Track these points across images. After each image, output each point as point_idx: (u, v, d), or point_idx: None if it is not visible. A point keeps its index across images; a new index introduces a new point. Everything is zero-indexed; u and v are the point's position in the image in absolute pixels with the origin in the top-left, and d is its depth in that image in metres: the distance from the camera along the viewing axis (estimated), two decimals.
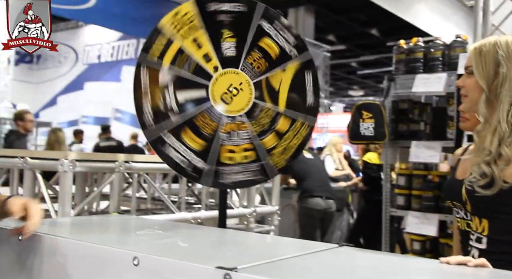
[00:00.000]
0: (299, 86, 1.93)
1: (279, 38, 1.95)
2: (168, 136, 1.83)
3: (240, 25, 1.88)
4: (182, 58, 1.85)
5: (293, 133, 1.91)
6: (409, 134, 3.55)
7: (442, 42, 3.48)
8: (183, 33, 1.86)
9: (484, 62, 1.45)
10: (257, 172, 1.91)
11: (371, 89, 23.15)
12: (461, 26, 9.75)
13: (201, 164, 1.85)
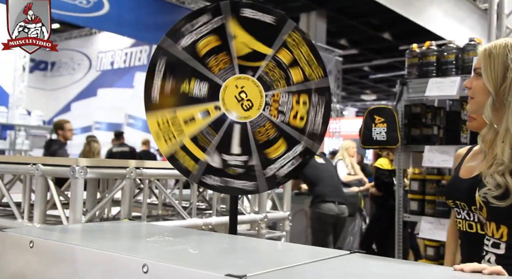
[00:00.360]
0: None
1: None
2: None
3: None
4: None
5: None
6: (422, 138, 3.52)
7: (455, 46, 3.44)
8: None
9: (493, 65, 1.42)
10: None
11: (384, 93, 23.01)
12: (475, 29, 9.65)
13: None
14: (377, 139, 3.46)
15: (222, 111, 1.89)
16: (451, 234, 1.95)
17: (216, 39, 1.87)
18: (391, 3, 8.08)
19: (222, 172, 1.87)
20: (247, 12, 1.88)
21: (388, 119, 3.43)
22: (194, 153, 1.87)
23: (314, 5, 12.12)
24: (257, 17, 1.88)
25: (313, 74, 1.90)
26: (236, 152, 1.88)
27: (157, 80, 1.86)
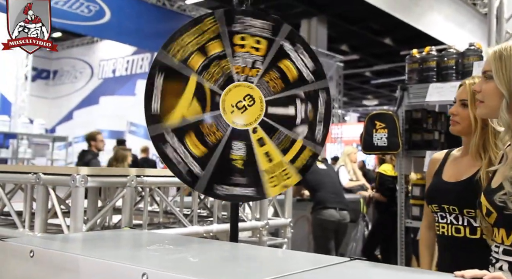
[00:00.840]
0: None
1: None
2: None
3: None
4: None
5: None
6: (423, 143, 3.51)
7: (456, 51, 3.44)
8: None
9: (505, 67, 1.40)
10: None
11: (386, 98, 23.01)
12: (475, 34, 9.66)
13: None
14: (378, 145, 3.46)
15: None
16: (426, 241, 1.95)
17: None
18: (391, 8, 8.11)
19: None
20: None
21: (389, 125, 3.43)
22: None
23: (315, 11, 12.16)
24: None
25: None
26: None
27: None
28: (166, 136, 1.81)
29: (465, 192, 1.70)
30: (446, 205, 1.75)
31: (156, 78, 1.83)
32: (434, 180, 1.87)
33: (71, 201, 1.91)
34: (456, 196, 1.73)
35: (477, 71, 3.20)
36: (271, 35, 1.95)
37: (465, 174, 1.76)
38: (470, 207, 1.68)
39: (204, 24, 1.88)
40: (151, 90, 1.82)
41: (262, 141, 1.91)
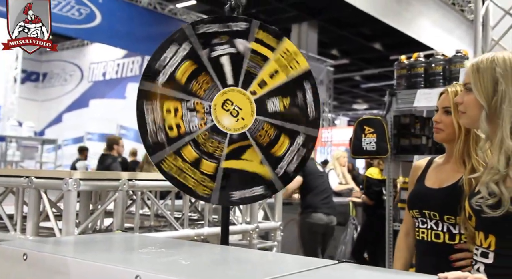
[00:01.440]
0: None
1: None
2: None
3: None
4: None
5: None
6: (411, 148, 3.57)
7: (443, 57, 3.51)
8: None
9: (482, 79, 1.45)
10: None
11: (375, 102, 23.18)
12: (463, 40, 9.80)
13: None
14: (367, 149, 3.51)
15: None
16: (402, 246, 1.97)
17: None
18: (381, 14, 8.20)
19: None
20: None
21: (377, 130, 3.48)
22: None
23: (306, 16, 12.25)
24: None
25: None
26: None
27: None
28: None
29: (447, 199, 1.74)
30: (427, 211, 1.78)
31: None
32: (416, 186, 1.91)
33: (63, 204, 1.92)
34: (438, 202, 1.77)
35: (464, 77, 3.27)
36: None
37: (448, 180, 1.80)
38: (450, 213, 1.72)
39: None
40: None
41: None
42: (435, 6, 9.18)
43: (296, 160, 1.95)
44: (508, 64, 1.44)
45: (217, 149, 1.92)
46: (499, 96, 1.42)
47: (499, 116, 1.42)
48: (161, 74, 1.91)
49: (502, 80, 1.42)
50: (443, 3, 9.32)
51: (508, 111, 1.40)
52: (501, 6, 3.62)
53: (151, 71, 1.90)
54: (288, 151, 1.95)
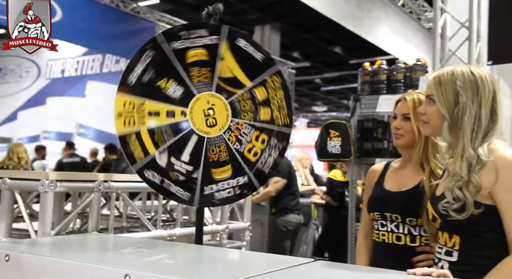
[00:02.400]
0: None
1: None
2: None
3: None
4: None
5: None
6: (373, 151, 3.72)
7: (404, 65, 3.68)
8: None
9: (444, 91, 1.55)
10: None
11: (334, 105, 23.62)
12: (420, 47, 10.18)
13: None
14: (332, 152, 3.64)
15: (187, 118, 1.96)
16: (362, 248, 2.03)
17: (205, 54, 1.94)
18: (343, 19, 8.42)
19: (164, 172, 1.91)
20: (241, 42, 1.97)
21: (342, 133, 3.62)
22: (146, 144, 1.89)
23: (269, 18, 12.38)
24: (248, 50, 1.98)
25: (280, 119, 2.02)
26: (185, 159, 1.94)
27: (139, 67, 1.88)
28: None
29: (408, 201, 1.82)
30: (388, 214, 1.86)
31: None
32: (376, 189, 1.97)
33: (40, 206, 1.93)
34: (400, 205, 1.84)
35: (423, 85, 3.45)
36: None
37: (407, 184, 1.88)
38: (412, 216, 1.80)
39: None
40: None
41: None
42: (394, 14, 9.51)
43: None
44: (466, 77, 1.55)
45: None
46: (460, 107, 1.52)
47: (460, 126, 1.53)
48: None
49: (463, 93, 1.52)
50: (402, 12, 9.66)
51: (469, 122, 1.51)
52: (457, 19, 3.82)
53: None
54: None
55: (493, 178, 1.44)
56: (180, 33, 1.93)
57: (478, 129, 1.51)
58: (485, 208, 1.45)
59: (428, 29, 10.54)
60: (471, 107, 1.52)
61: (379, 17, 9.09)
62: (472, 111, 1.52)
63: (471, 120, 1.51)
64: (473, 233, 1.48)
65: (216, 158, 1.98)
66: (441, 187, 1.60)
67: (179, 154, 1.94)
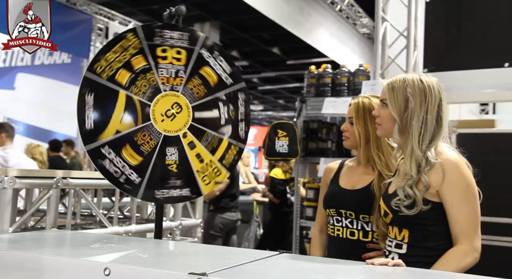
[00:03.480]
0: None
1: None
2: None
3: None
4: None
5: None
6: (318, 151, 3.90)
7: (347, 70, 3.88)
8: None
9: (396, 97, 1.71)
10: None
11: (270, 104, 23.96)
12: (355, 51, 10.63)
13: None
14: (279, 152, 3.78)
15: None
16: (317, 243, 2.14)
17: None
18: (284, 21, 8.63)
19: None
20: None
21: (290, 133, 3.77)
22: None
23: (209, 17, 12.38)
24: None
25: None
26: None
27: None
28: (102, 150, 1.89)
29: (361, 200, 1.96)
30: (343, 210, 1.99)
31: (86, 97, 1.88)
32: (331, 187, 2.10)
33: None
34: (353, 202, 1.98)
35: (365, 89, 3.67)
36: (188, 44, 2.12)
37: (360, 182, 2.02)
38: (365, 213, 1.95)
39: (127, 40, 1.97)
40: (83, 109, 1.87)
41: (192, 144, 2.07)
42: (332, 18, 9.87)
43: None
44: (416, 85, 1.70)
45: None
46: (409, 112, 1.68)
47: (409, 129, 1.68)
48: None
49: (412, 99, 1.68)
50: (339, 17, 10.04)
51: (416, 125, 1.66)
52: (396, 28, 4.08)
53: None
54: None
55: (441, 178, 1.61)
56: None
57: (425, 132, 1.67)
58: (432, 204, 1.62)
59: (362, 34, 11.03)
60: (418, 112, 1.67)
61: (319, 21, 9.40)
62: (419, 116, 1.67)
63: (418, 124, 1.66)
64: (420, 227, 1.65)
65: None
66: (393, 186, 1.75)
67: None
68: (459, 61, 3.84)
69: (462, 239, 1.58)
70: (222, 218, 4.92)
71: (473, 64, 3.80)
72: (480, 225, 1.62)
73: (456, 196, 1.59)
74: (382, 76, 4.05)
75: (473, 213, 1.60)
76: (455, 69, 3.67)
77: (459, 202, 1.59)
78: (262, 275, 1.28)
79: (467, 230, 1.58)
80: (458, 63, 3.84)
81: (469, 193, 1.60)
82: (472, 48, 3.79)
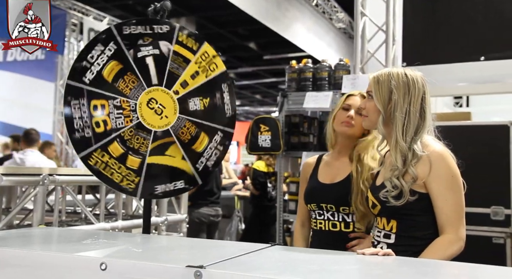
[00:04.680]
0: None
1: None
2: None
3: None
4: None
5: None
6: (300, 145, 3.94)
7: (328, 65, 3.93)
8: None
9: (381, 89, 1.75)
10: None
11: (248, 100, 23.96)
12: (331, 45, 10.71)
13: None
14: (262, 146, 3.80)
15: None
16: (300, 236, 2.17)
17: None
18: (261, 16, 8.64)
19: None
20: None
21: (272, 128, 3.79)
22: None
23: (184, 12, 12.30)
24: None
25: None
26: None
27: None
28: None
29: (341, 193, 2.01)
30: (324, 204, 2.03)
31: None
32: (311, 182, 2.14)
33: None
34: (333, 196, 2.03)
35: (346, 83, 3.72)
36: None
37: (339, 176, 2.07)
38: (345, 205, 1.99)
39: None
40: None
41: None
42: (309, 13, 9.92)
43: (215, 155, 2.15)
44: (400, 78, 1.75)
45: (142, 145, 2.04)
46: (392, 104, 1.72)
47: (393, 121, 1.73)
48: (88, 73, 1.96)
49: (396, 91, 1.72)
50: (316, 11, 10.10)
51: (400, 117, 1.71)
52: (375, 22, 4.14)
53: (77, 69, 1.94)
54: (207, 148, 2.13)
55: (428, 169, 1.65)
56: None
57: (408, 124, 1.71)
58: (419, 195, 1.67)
59: (338, 29, 11.12)
60: (402, 104, 1.72)
61: (296, 16, 9.44)
62: (402, 108, 1.72)
63: (401, 115, 1.71)
64: (408, 217, 1.69)
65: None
66: (380, 178, 1.80)
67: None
68: (436, 55, 3.92)
69: (448, 228, 1.63)
70: (198, 213, 4.91)
71: (450, 58, 3.88)
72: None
73: (442, 186, 1.64)
74: (362, 71, 4.11)
75: (458, 203, 1.66)
76: (433, 63, 3.75)
77: (445, 192, 1.64)
78: (258, 266, 1.31)
79: (452, 220, 1.64)
80: (435, 57, 3.91)
81: (455, 184, 1.66)
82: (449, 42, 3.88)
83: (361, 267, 1.37)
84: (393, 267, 1.39)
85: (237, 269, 1.23)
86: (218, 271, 1.20)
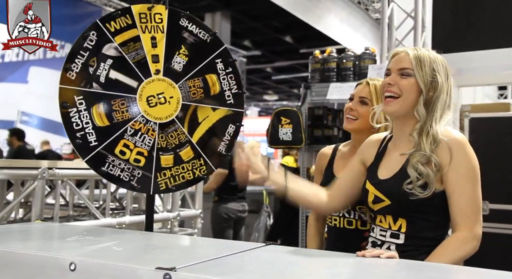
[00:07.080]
0: (218, 132, 2.00)
1: (224, 81, 2.01)
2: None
3: (198, 51, 1.95)
4: (134, 45, 1.88)
5: (191, 166, 1.96)
6: (323, 138, 3.77)
7: (353, 54, 3.74)
8: (147, 27, 1.90)
9: (424, 67, 1.55)
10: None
11: (285, 94, 23.80)
12: (367, 37, 10.39)
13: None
14: (283, 139, 3.66)
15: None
16: (314, 231, 2.04)
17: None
18: (293, 8, 8.46)
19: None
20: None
21: (293, 121, 3.64)
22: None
23: (219, 6, 12.27)
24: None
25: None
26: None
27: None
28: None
29: None
30: None
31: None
32: (326, 175, 1.98)
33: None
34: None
35: (371, 73, 3.52)
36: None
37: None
38: (361, 203, 1.79)
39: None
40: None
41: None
42: (342, 4, 9.65)
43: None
44: (441, 61, 1.58)
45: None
46: (437, 85, 1.55)
47: (433, 105, 1.55)
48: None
49: (438, 74, 1.55)
50: (350, 2, 9.82)
51: (442, 100, 1.55)
52: (404, 9, 3.91)
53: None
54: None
55: (448, 157, 1.49)
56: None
57: (445, 109, 1.56)
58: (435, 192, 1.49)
59: (375, 19, 10.77)
60: (446, 89, 1.57)
61: (328, 7, 9.20)
62: (447, 91, 1.57)
63: (444, 99, 1.56)
64: (420, 215, 1.52)
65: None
66: (383, 171, 1.62)
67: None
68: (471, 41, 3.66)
69: (463, 224, 1.46)
70: (226, 208, 4.85)
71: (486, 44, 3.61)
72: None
73: (460, 176, 1.47)
74: None
75: (475, 197, 1.48)
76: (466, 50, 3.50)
77: (462, 183, 1.47)
78: (236, 268, 1.18)
79: (468, 215, 1.46)
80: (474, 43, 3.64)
81: (474, 175, 1.49)
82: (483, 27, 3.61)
83: (355, 271, 1.23)
84: (391, 272, 1.23)
85: (210, 273, 1.11)
86: (189, 275, 1.09)
